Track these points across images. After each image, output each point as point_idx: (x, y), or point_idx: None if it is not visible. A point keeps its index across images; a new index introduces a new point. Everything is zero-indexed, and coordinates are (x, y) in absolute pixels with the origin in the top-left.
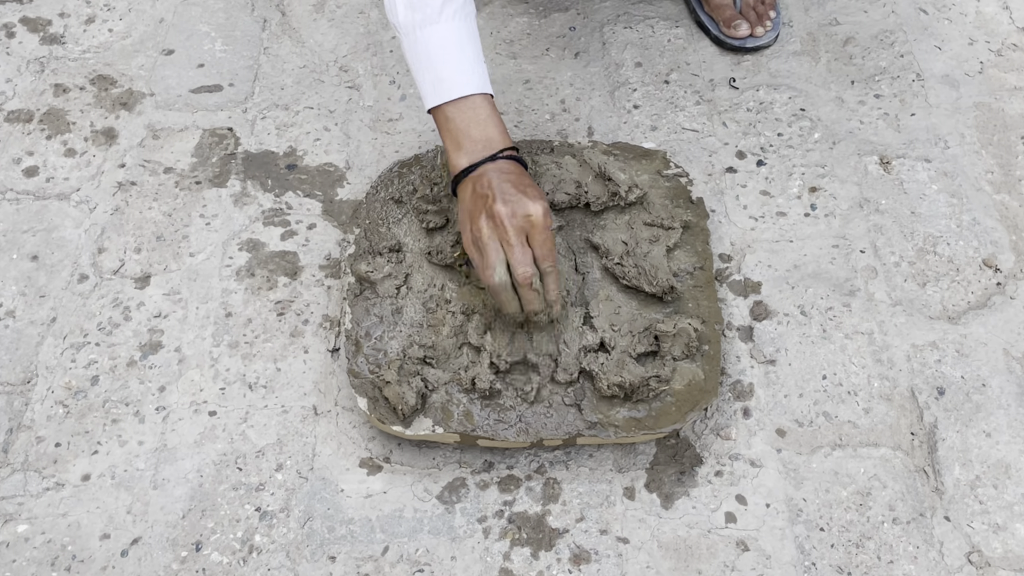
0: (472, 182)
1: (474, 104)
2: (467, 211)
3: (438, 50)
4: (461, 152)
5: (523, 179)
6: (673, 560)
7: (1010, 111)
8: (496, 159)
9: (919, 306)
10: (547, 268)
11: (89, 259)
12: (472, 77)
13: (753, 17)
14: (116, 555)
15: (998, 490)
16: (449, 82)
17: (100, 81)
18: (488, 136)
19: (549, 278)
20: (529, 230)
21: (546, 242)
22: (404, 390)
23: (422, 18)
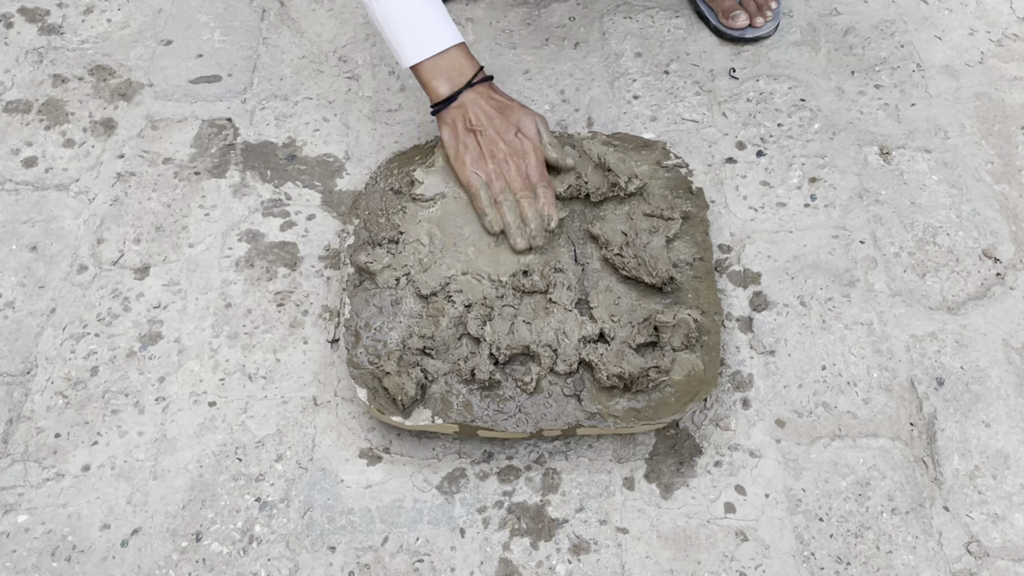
0: (455, 111)
1: (449, 53)
2: (458, 141)
3: (412, 9)
4: (438, 83)
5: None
6: (672, 550)
7: (1010, 101)
8: (472, 84)
9: (919, 296)
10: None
11: (88, 250)
12: (446, 31)
13: (753, 8)
14: (116, 545)
15: (997, 480)
16: (428, 39)
17: (99, 71)
18: (460, 64)
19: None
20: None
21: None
22: (404, 380)
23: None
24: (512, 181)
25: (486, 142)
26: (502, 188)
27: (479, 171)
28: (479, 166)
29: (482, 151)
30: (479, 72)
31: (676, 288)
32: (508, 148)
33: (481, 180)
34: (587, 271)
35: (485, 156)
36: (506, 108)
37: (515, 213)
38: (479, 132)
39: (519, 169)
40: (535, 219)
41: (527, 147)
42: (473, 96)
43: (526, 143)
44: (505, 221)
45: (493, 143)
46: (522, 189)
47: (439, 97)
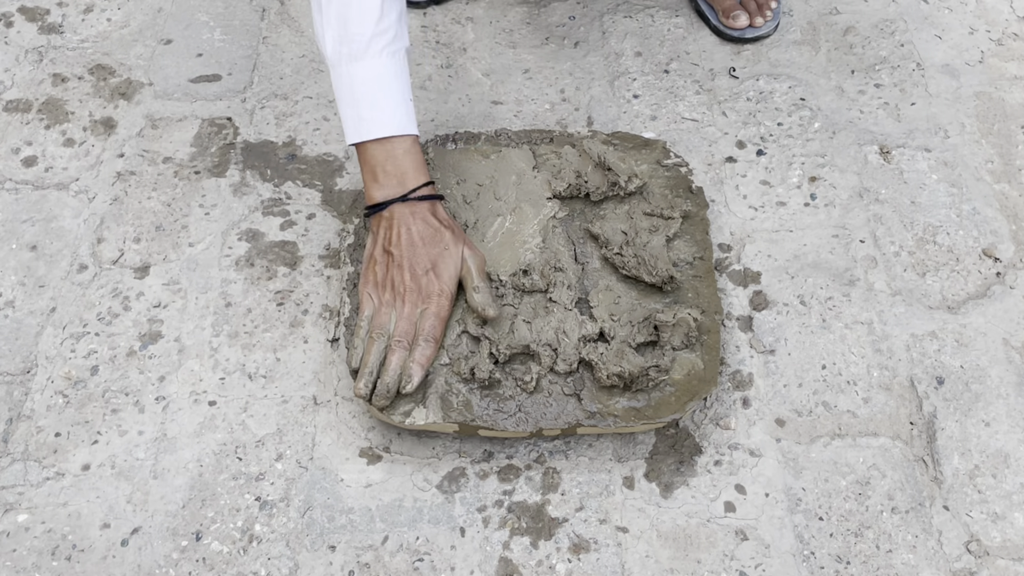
0: (383, 221)
1: (395, 143)
2: (371, 255)
3: (362, 87)
4: (376, 185)
5: (433, 229)
6: (672, 549)
7: (1010, 100)
8: (407, 199)
9: (919, 296)
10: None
11: (88, 249)
12: (394, 117)
13: (753, 7)
14: (116, 545)
15: (997, 479)
16: (370, 121)
17: (99, 71)
18: (403, 172)
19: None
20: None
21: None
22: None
23: (349, 52)
24: (399, 323)
25: (394, 268)
26: (382, 325)
27: (374, 296)
28: (376, 291)
29: (387, 276)
30: (423, 187)
31: (676, 287)
32: (412, 284)
33: (372, 308)
34: (587, 270)
35: (386, 283)
36: (434, 238)
37: (378, 356)
38: (392, 256)
39: (411, 311)
40: (392, 373)
41: (432, 290)
42: (406, 212)
43: (434, 285)
44: (364, 360)
45: (400, 273)
46: (401, 336)
47: (371, 201)
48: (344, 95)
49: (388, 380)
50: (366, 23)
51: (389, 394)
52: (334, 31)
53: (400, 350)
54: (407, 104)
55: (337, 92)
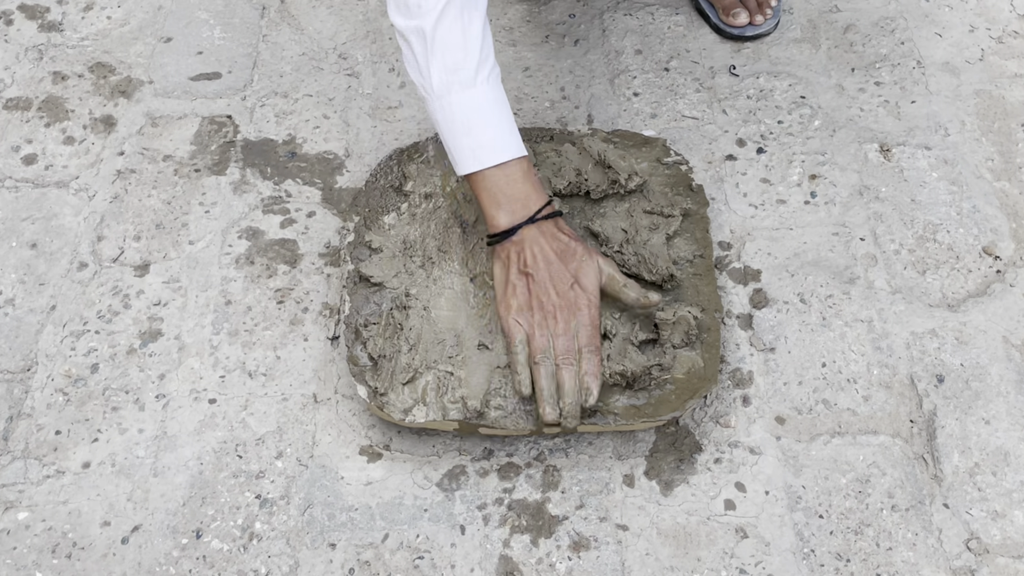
0: (512, 246)
1: (512, 167)
2: (507, 281)
3: (475, 114)
4: (500, 211)
5: (564, 244)
6: (672, 547)
7: (1010, 98)
8: (535, 220)
9: (919, 294)
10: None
11: (88, 247)
12: (510, 141)
13: (753, 5)
14: (116, 542)
15: (997, 477)
16: (488, 148)
17: (99, 69)
18: (526, 194)
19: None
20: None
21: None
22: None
23: (459, 81)
24: (557, 340)
25: (537, 289)
26: (543, 348)
27: (522, 320)
28: (523, 315)
29: (530, 298)
30: (546, 206)
31: (676, 285)
32: (560, 300)
33: (523, 333)
34: None
35: (533, 305)
36: (567, 253)
37: (551, 379)
38: (531, 276)
39: (566, 327)
40: (572, 392)
41: (581, 302)
42: (534, 234)
43: (581, 298)
44: (538, 386)
45: (544, 291)
46: (565, 352)
47: (497, 228)
48: (456, 125)
49: (571, 400)
50: (471, 51)
51: (577, 414)
52: (441, 61)
53: (569, 367)
54: (515, 127)
55: (446, 123)
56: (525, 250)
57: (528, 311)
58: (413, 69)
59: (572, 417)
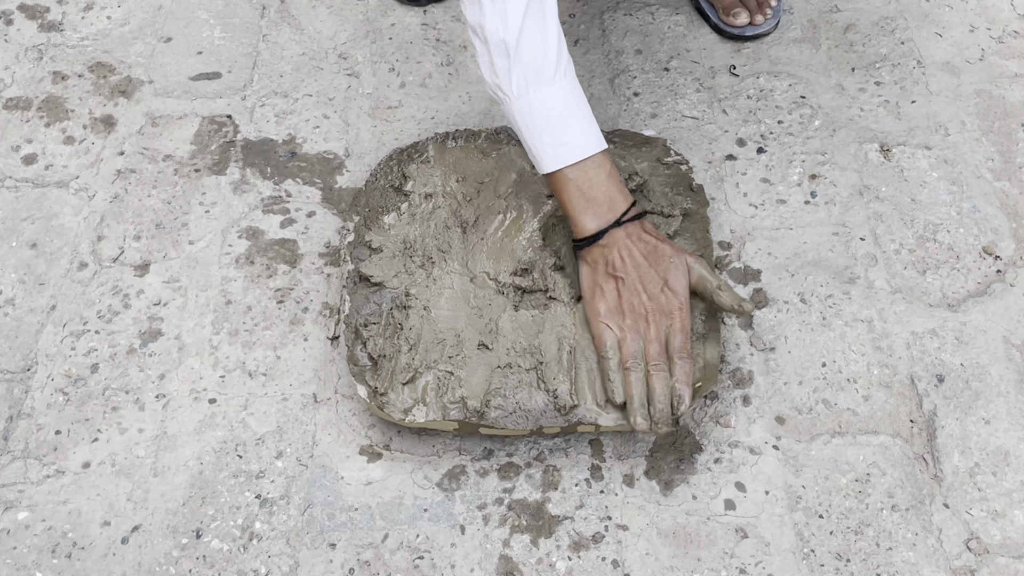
0: (600, 249)
1: (595, 163)
2: (596, 284)
3: (555, 111)
4: (587, 215)
5: (652, 246)
6: (672, 547)
7: (1011, 98)
8: (622, 223)
9: (919, 294)
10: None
11: (88, 247)
12: (591, 135)
13: (753, 5)
14: (116, 542)
15: (997, 477)
16: (570, 144)
17: (99, 68)
18: (611, 196)
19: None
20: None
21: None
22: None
23: (536, 79)
24: (648, 345)
25: (627, 292)
26: (634, 353)
27: (612, 324)
28: (614, 318)
29: (620, 302)
30: (632, 207)
31: None
32: (651, 303)
33: (614, 337)
34: None
35: (624, 308)
36: (656, 254)
37: (642, 385)
38: (621, 279)
39: (658, 332)
40: (663, 399)
41: (672, 306)
42: (622, 236)
43: (672, 301)
44: (629, 394)
45: (635, 295)
46: (657, 358)
47: (585, 233)
48: (536, 124)
49: (662, 407)
50: (550, 52)
51: (668, 420)
52: (522, 67)
53: (661, 373)
54: (594, 120)
55: (525, 123)
56: (613, 253)
57: (619, 315)
58: (488, 71)
59: (664, 424)
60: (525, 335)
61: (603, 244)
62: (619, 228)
